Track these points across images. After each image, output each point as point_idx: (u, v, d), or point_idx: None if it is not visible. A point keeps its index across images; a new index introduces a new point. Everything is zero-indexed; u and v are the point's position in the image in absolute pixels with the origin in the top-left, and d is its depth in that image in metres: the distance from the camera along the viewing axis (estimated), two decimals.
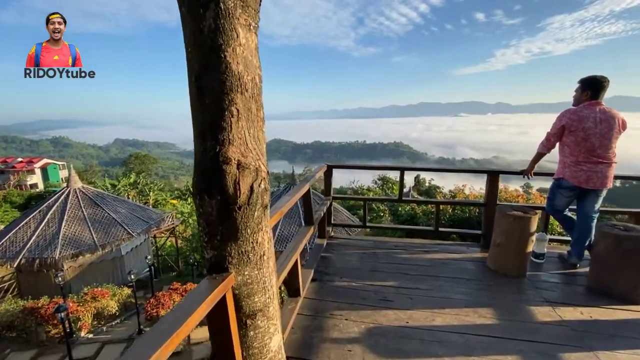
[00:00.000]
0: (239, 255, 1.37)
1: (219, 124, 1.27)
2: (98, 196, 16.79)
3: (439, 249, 3.83)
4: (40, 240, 14.11)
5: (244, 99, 1.31)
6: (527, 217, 3.04)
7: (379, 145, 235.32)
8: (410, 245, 3.91)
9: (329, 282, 3.06)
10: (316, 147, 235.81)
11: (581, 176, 3.12)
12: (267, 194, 1.41)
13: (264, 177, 1.37)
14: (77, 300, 10.66)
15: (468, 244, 3.98)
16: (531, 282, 3.08)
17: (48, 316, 9.41)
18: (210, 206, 1.32)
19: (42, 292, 12.49)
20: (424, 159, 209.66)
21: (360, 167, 4.49)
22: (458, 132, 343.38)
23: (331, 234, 4.17)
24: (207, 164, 1.29)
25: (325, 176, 4.07)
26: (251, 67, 1.33)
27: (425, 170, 5.96)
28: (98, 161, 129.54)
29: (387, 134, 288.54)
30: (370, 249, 3.81)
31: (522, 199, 7.10)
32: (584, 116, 3.05)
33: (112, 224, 15.64)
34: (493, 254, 3.32)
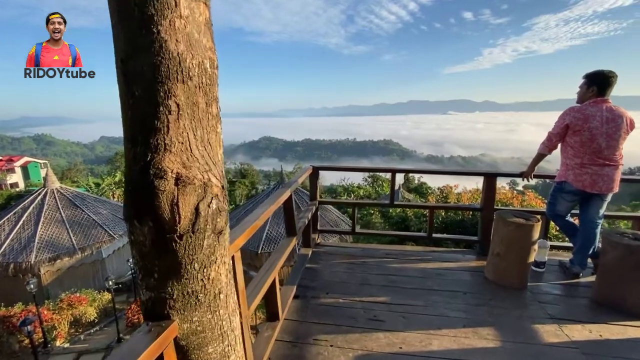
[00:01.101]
0: (184, 297, 1.05)
1: (151, 124, 0.94)
2: (77, 197, 16.09)
3: (433, 257, 3.56)
4: (15, 243, 13.42)
5: (186, 90, 0.98)
6: (528, 225, 2.79)
7: (369, 142, 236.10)
8: (402, 254, 3.63)
9: (314, 298, 2.75)
10: (307, 145, 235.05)
11: (586, 180, 2.88)
12: (223, 215, 1.09)
13: (216, 193, 1.04)
14: (52, 307, 10.10)
15: (463, 251, 3.72)
16: (533, 295, 2.83)
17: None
18: (142, 234, 0.99)
19: (18, 299, 11.82)
20: (413, 156, 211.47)
21: (348, 169, 4.18)
22: (446, 130, 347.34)
23: (317, 242, 3.86)
24: (136, 179, 0.96)
25: (311, 179, 3.75)
26: (198, 48, 1.00)
27: (418, 173, 5.72)
28: (83, 159, 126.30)
29: (377, 132, 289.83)
30: (359, 258, 3.52)
31: (516, 200, 6.91)
32: (589, 115, 2.81)
33: (92, 226, 15.00)
34: (492, 263, 3.06)
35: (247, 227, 1.74)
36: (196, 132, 1.01)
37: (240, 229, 1.72)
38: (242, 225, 1.78)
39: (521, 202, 6.84)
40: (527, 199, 6.97)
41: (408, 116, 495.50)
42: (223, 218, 1.09)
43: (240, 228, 1.74)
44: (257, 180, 58.86)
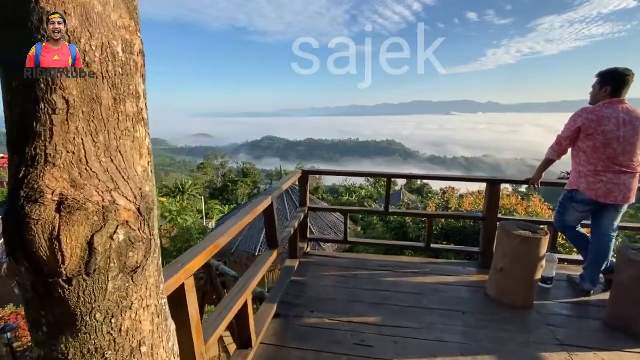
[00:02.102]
0: (85, 356, 0.79)
1: (29, 127, 0.69)
2: None
3: (431, 269, 3.29)
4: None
5: (82, 82, 0.73)
6: (535, 239, 2.52)
7: (371, 143, 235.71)
8: (397, 265, 3.37)
9: (296, 318, 2.49)
10: (309, 145, 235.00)
11: (600, 188, 2.60)
12: (140, 247, 0.82)
13: (126, 220, 0.78)
14: None
15: (464, 263, 3.45)
16: (540, 316, 2.56)
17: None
18: (21, 276, 0.73)
19: (10, 300, 11.65)
20: (415, 157, 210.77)
21: (340, 173, 3.92)
22: (449, 130, 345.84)
23: (307, 251, 3.60)
24: (9, 202, 0.71)
25: (301, 183, 3.50)
26: (102, 25, 0.75)
27: (415, 178, 5.43)
28: None
29: (379, 132, 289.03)
30: (351, 270, 3.25)
31: (521, 207, 6.58)
32: (604, 117, 2.53)
33: None
34: (495, 279, 2.79)
35: (207, 246, 1.48)
36: (97, 137, 0.75)
37: (197, 249, 1.47)
38: (203, 243, 1.52)
39: (526, 209, 6.52)
40: (533, 205, 6.64)
41: (411, 116, 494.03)
42: (141, 251, 0.83)
43: (198, 247, 1.48)
44: (259, 180, 58.88)
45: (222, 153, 73.84)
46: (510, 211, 6.18)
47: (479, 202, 7.38)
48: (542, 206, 6.65)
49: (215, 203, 42.07)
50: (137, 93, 0.86)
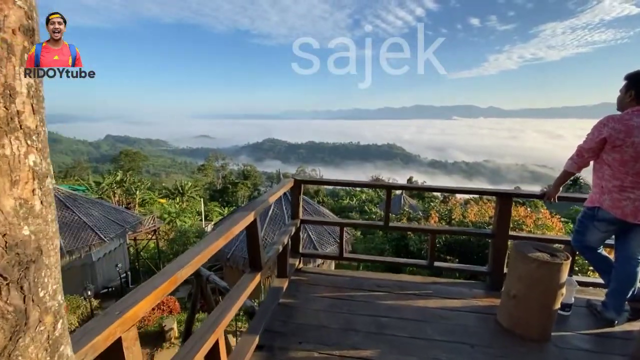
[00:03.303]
0: None
1: None
2: (69, 198, 15.65)
3: (434, 290, 2.98)
4: None
5: None
6: (556, 264, 2.21)
7: (372, 146, 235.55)
8: (397, 285, 3.06)
9: (282, 351, 2.19)
10: (310, 148, 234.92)
11: (627, 206, 2.30)
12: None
13: None
14: None
15: (470, 284, 3.14)
16: (559, 351, 2.25)
17: None
18: None
19: None
20: (416, 161, 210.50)
21: (336, 183, 3.61)
22: (450, 135, 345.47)
23: (298, 267, 3.29)
24: None
25: (293, 193, 3.20)
26: None
27: (420, 190, 5.14)
28: (88, 157, 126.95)
29: (380, 136, 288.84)
30: (346, 291, 2.95)
31: (530, 220, 6.23)
32: (634, 126, 2.23)
33: (82, 228, 14.53)
34: (507, 306, 2.48)
35: (159, 284, 1.18)
36: None
37: (147, 287, 1.17)
38: (155, 280, 1.22)
39: (535, 221, 6.18)
40: (542, 217, 6.29)
41: (412, 121, 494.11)
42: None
43: (147, 286, 1.18)
44: (260, 182, 58.67)
45: (223, 155, 73.69)
46: (518, 223, 5.85)
47: (484, 212, 7.06)
48: (553, 219, 6.30)
49: (214, 205, 41.80)
50: (8, 89, 0.57)
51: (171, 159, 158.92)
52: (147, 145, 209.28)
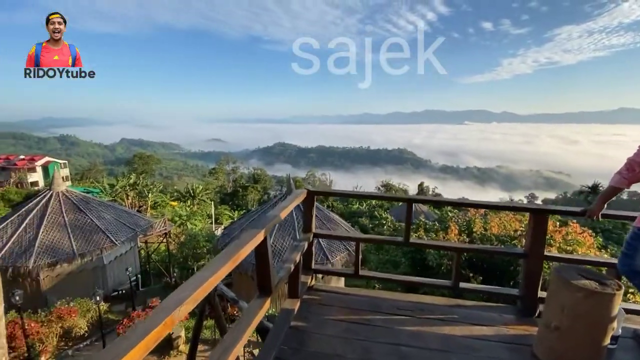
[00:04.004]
0: None
1: None
2: (82, 201, 15.82)
3: (460, 315, 2.72)
4: (16, 247, 13.15)
5: None
6: (607, 295, 1.94)
7: (383, 151, 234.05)
8: (418, 308, 2.81)
9: None
10: (320, 152, 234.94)
11: None
12: None
13: None
14: (42, 318, 9.61)
15: (500, 308, 2.86)
16: None
17: (6, 337, 8.37)
18: None
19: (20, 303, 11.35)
20: (427, 166, 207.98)
21: (352, 195, 3.39)
22: (462, 140, 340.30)
23: (311, 284, 3.07)
24: None
25: (305, 205, 3.00)
26: None
27: (446, 204, 4.82)
28: (103, 160, 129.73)
29: (391, 140, 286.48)
30: (362, 313, 2.71)
31: (559, 235, 5.80)
32: None
33: (94, 231, 14.65)
34: (547, 339, 2.21)
35: (146, 332, 0.98)
36: None
37: (135, 334, 0.97)
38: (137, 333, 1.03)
39: (564, 236, 5.74)
40: (572, 232, 5.84)
41: (423, 125, 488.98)
42: None
43: (136, 332, 0.99)
44: (270, 186, 58.82)
45: (234, 158, 74.22)
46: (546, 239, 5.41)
47: (506, 224, 6.66)
48: (584, 233, 5.85)
49: (224, 208, 42.02)
50: None
51: (183, 162, 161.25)
52: (160, 148, 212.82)
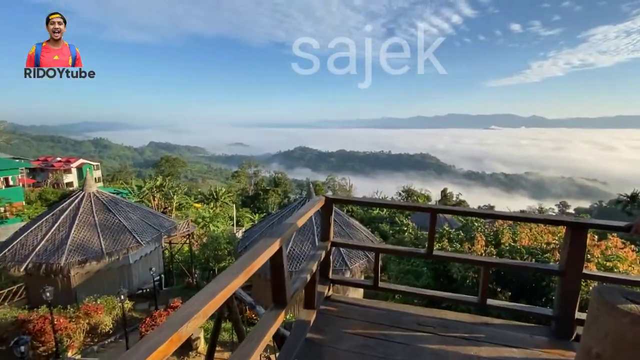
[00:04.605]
0: None
1: None
2: (111, 201, 16.50)
3: (486, 334, 2.53)
4: (49, 244, 13.85)
5: None
6: None
7: (404, 156, 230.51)
8: (441, 324, 2.64)
9: None
10: (340, 156, 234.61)
11: None
12: None
13: None
14: (70, 314, 10.03)
15: (531, 329, 2.65)
16: None
17: (36, 331, 8.80)
18: None
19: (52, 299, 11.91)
20: (451, 171, 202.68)
21: (371, 204, 3.23)
22: (488, 145, 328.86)
23: (328, 294, 2.98)
24: None
25: (323, 213, 2.92)
26: None
27: (472, 215, 4.55)
28: (133, 162, 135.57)
29: (413, 145, 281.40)
30: (381, 327, 2.58)
31: (597, 250, 5.33)
32: None
33: (121, 231, 15.21)
34: None
35: (150, 349, 0.93)
36: None
37: (140, 350, 0.93)
38: (147, 341, 0.98)
39: (603, 251, 5.28)
40: (612, 246, 5.35)
41: (446, 130, 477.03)
42: None
43: (141, 348, 0.94)
44: (290, 189, 59.33)
45: (255, 162, 75.49)
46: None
47: (538, 236, 6.24)
48: (626, 248, 5.34)
49: (246, 211, 42.75)
50: None
51: (207, 165, 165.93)
52: (186, 152, 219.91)
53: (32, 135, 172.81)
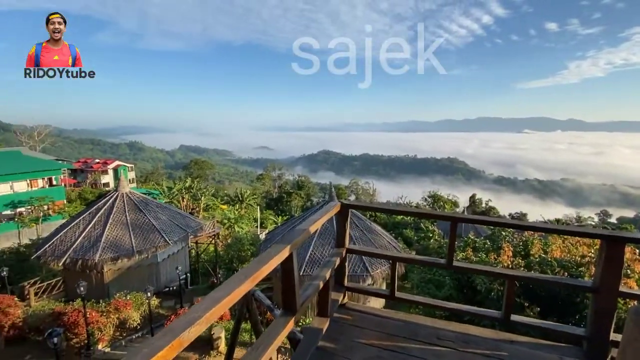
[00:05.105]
0: None
1: None
2: (142, 202, 17.26)
3: (511, 353, 2.38)
4: (85, 241, 14.68)
5: None
6: None
7: (431, 160, 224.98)
8: (461, 339, 2.51)
9: None
10: (364, 160, 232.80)
11: None
12: None
13: None
14: (102, 309, 10.55)
15: (560, 349, 2.46)
16: None
17: (70, 324, 9.32)
18: None
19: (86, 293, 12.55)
20: (480, 177, 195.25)
21: (389, 211, 3.08)
22: (520, 149, 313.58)
23: (343, 302, 2.92)
24: None
25: (338, 219, 2.87)
26: None
27: (495, 225, 4.21)
28: (164, 164, 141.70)
29: (440, 149, 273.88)
30: (397, 339, 2.49)
31: (638, 265, 4.88)
32: None
33: (151, 230, 15.86)
34: None
35: (150, 354, 0.94)
36: None
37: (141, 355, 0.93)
38: (148, 346, 0.98)
39: None
40: None
41: (476, 134, 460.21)
42: None
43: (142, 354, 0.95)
44: (313, 192, 59.62)
45: (280, 165, 76.58)
46: (624, 271, 4.59)
47: (572, 248, 5.80)
48: None
49: (269, 213, 43.41)
50: None
51: (234, 168, 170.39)
52: (214, 155, 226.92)
53: (74, 138, 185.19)
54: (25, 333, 9.40)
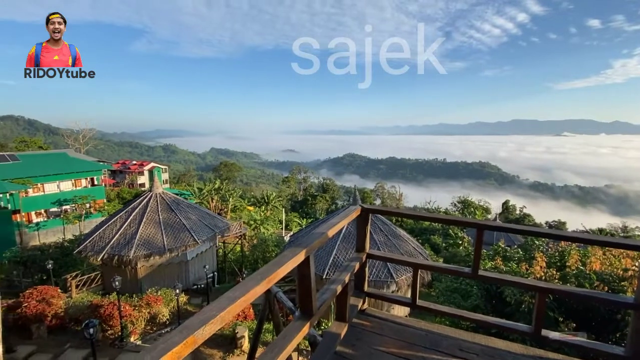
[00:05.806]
0: None
1: None
2: (174, 202, 18.02)
3: None
4: (122, 238, 15.54)
5: None
6: None
7: (461, 164, 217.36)
8: (486, 353, 2.40)
9: None
10: (390, 163, 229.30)
11: None
12: None
13: None
14: (135, 303, 11.10)
15: None
16: None
17: (106, 316, 9.87)
18: None
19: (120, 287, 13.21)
20: (514, 182, 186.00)
21: (411, 216, 3.08)
22: (559, 153, 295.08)
23: (362, 308, 2.88)
24: None
25: (359, 223, 2.85)
26: None
27: (528, 234, 3.85)
28: (195, 166, 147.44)
29: (471, 153, 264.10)
30: (418, 349, 2.42)
31: None
32: None
33: (181, 229, 16.52)
34: None
35: (165, 350, 0.98)
36: None
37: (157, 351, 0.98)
38: (164, 342, 1.02)
39: None
40: None
41: (510, 137, 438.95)
42: None
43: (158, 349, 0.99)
44: (338, 196, 59.53)
45: (305, 168, 77.25)
46: None
47: (615, 262, 5.31)
48: None
49: (294, 215, 43.86)
50: None
51: (261, 171, 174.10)
52: (242, 157, 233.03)
53: (114, 141, 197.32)
54: (65, 323, 10.08)
